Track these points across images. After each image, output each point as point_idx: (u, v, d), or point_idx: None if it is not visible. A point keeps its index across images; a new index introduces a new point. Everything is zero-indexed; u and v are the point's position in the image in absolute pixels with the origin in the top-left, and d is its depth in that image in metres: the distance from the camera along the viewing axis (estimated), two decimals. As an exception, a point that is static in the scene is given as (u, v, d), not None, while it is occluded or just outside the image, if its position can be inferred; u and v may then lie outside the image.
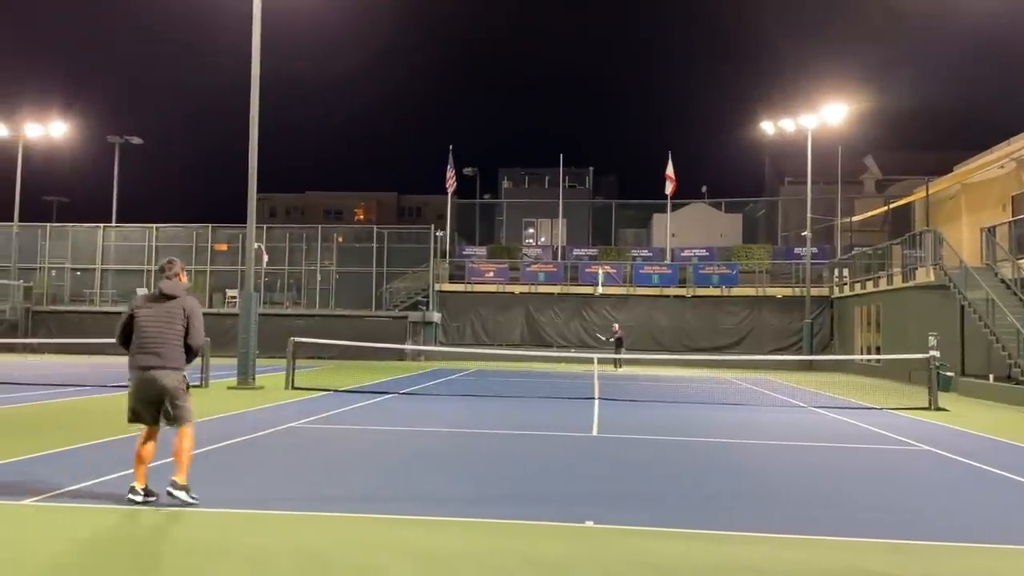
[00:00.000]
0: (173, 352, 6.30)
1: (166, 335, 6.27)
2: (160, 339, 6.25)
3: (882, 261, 27.87)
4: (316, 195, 72.17)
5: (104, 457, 8.40)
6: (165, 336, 6.27)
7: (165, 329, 6.27)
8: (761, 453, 9.94)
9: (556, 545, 5.49)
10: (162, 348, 6.25)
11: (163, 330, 6.27)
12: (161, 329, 6.26)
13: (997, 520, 6.58)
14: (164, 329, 6.27)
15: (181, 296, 6.37)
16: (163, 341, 6.26)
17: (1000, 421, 13.94)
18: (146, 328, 6.27)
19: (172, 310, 6.32)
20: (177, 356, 6.32)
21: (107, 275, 35.79)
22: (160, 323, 6.27)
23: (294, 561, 5.02)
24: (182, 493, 6.15)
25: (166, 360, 6.25)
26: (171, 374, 6.26)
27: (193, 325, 6.34)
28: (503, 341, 33.20)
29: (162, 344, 6.25)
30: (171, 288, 6.36)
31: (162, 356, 6.24)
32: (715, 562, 5.17)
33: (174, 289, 6.37)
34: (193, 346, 6.42)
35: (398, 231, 37.65)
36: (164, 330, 6.27)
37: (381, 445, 9.96)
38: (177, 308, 6.32)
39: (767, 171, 50.61)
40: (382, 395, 16.45)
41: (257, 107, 18.37)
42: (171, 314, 6.31)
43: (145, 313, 6.32)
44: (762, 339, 32.55)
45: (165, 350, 6.25)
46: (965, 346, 21.41)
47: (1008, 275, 20.96)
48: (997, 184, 26.67)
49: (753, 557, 5.30)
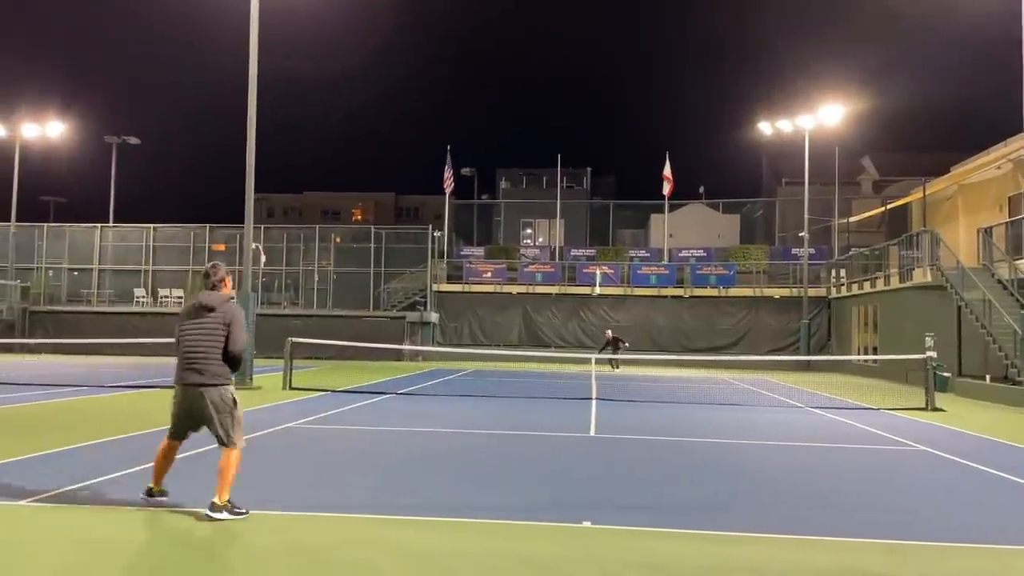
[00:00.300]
0: (214, 367, 6.02)
1: (206, 349, 6.00)
2: (201, 354, 6.00)
3: (879, 262, 27.92)
4: (314, 195, 72.17)
5: (102, 457, 8.41)
6: (206, 351, 6.00)
7: (205, 343, 6.01)
8: (758, 453, 9.96)
9: (553, 545, 5.50)
10: (203, 363, 5.99)
11: (203, 344, 6.01)
12: (200, 342, 6.01)
13: (993, 520, 6.60)
14: (204, 343, 6.01)
15: (219, 306, 6.08)
16: (204, 356, 6.00)
17: (997, 421, 13.97)
18: (187, 342, 6.04)
19: (212, 322, 6.03)
20: (219, 371, 6.04)
21: (104, 275, 35.75)
22: (200, 336, 6.01)
23: (291, 561, 5.03)
24: (221, 514, 5.83)
25: (207, 376, 5.99)
26: (212, 391, 6.01)
27: (233, 331, 6.04)
28: (501, 341, 33.21)
29: (203, 359, 5.99)
30: (208, 299, 6.10)
31: (203, 373, 5.98)
32: (712, 562, 5.18)
33: (211, 300, 6.09)
34: (233, 352, 6.08)
35: (396, 231, 37.61)
36: (204, 344, 6.01)
37: (378, 445, 9.96)
38: (217, 320, 6.03)
39: (764, 172, 50.62)
40: (380, 395, 16.45)
41: (255, 107, 18.37)
42: (211, 327, 6.03)
43: (187, 326, 6.09)
44: (759, 339, 32.59)
45: (205, 366, 5.99)
46: (962, 347, 21.45)
47: (1005, 276, 21.00)
48: (994, 185, 26.72)
49: (750, 557, 5.31)
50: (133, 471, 7.67)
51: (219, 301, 6.10)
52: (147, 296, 35.00)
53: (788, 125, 33.77)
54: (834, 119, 32.26)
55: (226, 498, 5.88)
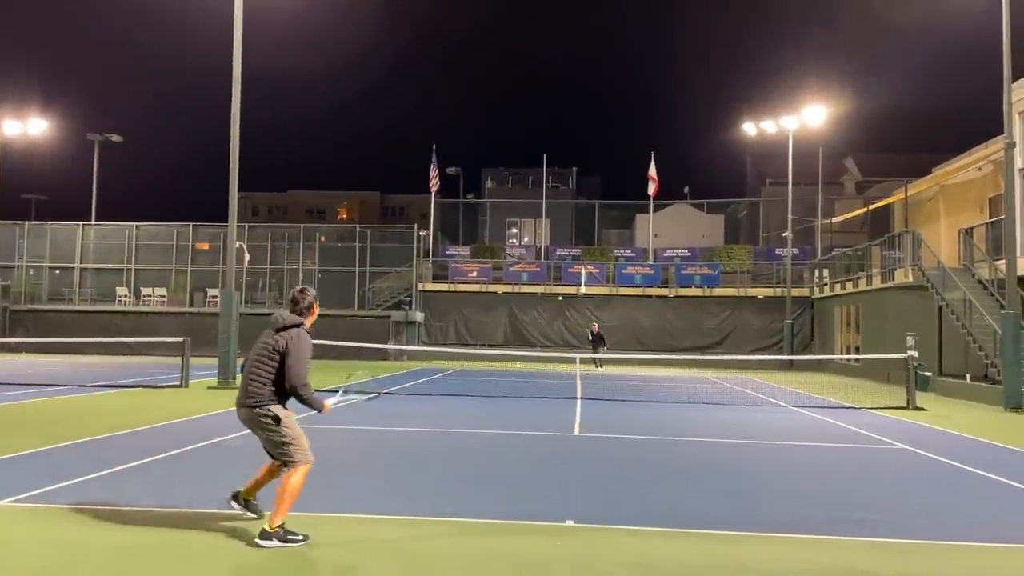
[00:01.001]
0: (253, 388, 5.73)
1: (254, 368, 5.76)
2: (251, 373, 5.78)
3: (862, 262, 28.11)
4: (299, 194, 71.78)
5: (83, 458, 8.33)
6: (253, 369, 5.77)
7: (255, 361, 5.77)
8: (742, 452, 10.01)
9: (537, 544, 5.51)
10: (246, 381, 5.79)
11: (252, 362, 5.79)
12: (252, 359, 5.80)
13: (974, 518, 6.66)
14: (253, 361, 5.78)
15: (284, 332, 5.74)
16: (250, 373, 5.78)
17: (977, 420, 14.11)
18: (249, 363, 5.83)
19: (272, 343, 5.74)
20: (257, 392, 5.70)
21: (86, 274, 35.43)
22: (257, 353, 5.78)
23: (275, 561, 5.00)
24: (270, 542, 5.35)
25: (244, 395, 5.77)
26: (245, 411, 5.76)
27: (288, 364, 5.65)
28: (486, 341, 33.19)
29: (248, 376, 5.79)
30: (278, 320, 5.83)
31: (245, 391, 5.77)
32: (696, 561, 5.20)
33: (280, 321, 5.81)
34: (287, 386, 5.73)
35: (381, 230, 37.51)
36: (253, 362, 5.78)
37: (362, 445, 9.93)
38: (280, 342, 5.71)
39: (749, 172, 50.91)
40: (364, 395, 16.37)
41: (239, 105, 18.27)
42: (270, 347, 5.74)
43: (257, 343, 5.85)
44: (743, 339, 32.75)
45: (247, 384, 5.78)
46: (943, 346, 21.66)
47: (985, 276, 21.21)
48: (975, 186, 26.97)
49: (733, 555, 5.34)
50: (113, 472, 7.62)
51: (288, 322, 5.79)
52: (129, 295, 34.72)
53: (772, 126, 33.95)
54: (818, 120, 32.46)
55: (277, 524, 5.43)
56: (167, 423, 11.27)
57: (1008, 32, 16.40)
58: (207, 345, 26.63)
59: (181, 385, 17.05)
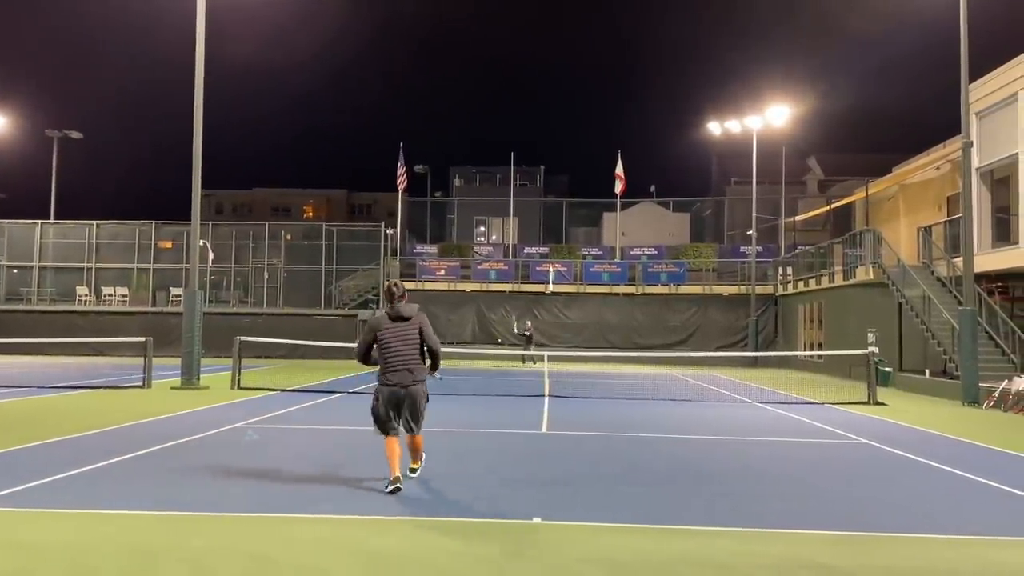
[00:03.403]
0: (420, 368, 7.16)
1: (413, 353, 7.08)
2: (409, 357, 7.06)
3: (824, 260, 28.52)
4: (264, 192, 70.90)
5: (42, 460, 8.17)
6: (412, 354, 7.08)
7: (411, 348, 7.07)
8: (706, 448, 10.11)
9: (504, 543, 5.51)
10: (412, 365, 7.07)
11: (410, 349, 7.07)
12: (408, 348, 7.06)
13: (931, 510, 6.80)
14: (410, 348, 7.07)
15: (414, 316, 7.13)
16: (412, 359, 7.08)
17: (935, 415, 14.40)
18: (394, 348, 7.04)
19: (410, 329, 7.09)
20: (423, 370, 7.19)
21: (45, 273, 34.72)
22: (406, 343, 7.06)
23: (238, 563, 4.95)
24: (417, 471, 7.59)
25: (416, 375, 7.10)
26: (421, 388, 7.16)
27: (428, 335, 7.13)
28: (454, 339, 33.11)
29: (411, 361, 7.07)
30: (406, 310, 7.10)
31: (413, 372, 7.07)
32: (662, 556, 5.25)
33: (407, 311, 7.11)
34: (434, 351, 7.24)
35: (348, 229, 37.21)
36: (411, 349, 7.07)
37: (328, 445, 9.86)
38: (414, 327, 7.10)
39: (714, 171, 51.37)
40: (330, 394, 16.29)
41: (201, 99, 17.99)
42: (411, 333, 7.08)
43: (390, 335, 7.07)
44: (709, 336, 33.07)
45: (414, 366, 7.08)
46: (903, 342, 22.07)
47: (943, 273, 21.65)
48: (933, 185, 27.52)
49: (698, 550, 5.39)
50: (74, 474, 7.48)
51: (412, 311, 7.15)
52: (90, 294, 34.10)
53: (737, 126, 34.32)
54: (781, 120, 32.86)
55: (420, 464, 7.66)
56: (129, 424, 11.09)
57: (966, 35, 16.75)
58: (170, 345, 26.23)
59: (144, 386, 16.79)
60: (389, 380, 7.04)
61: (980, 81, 20.30)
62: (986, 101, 20.43)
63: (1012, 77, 19.42)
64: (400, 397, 7.05)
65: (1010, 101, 19.57)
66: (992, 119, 20.50)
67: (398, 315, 7.06)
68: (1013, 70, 19.38)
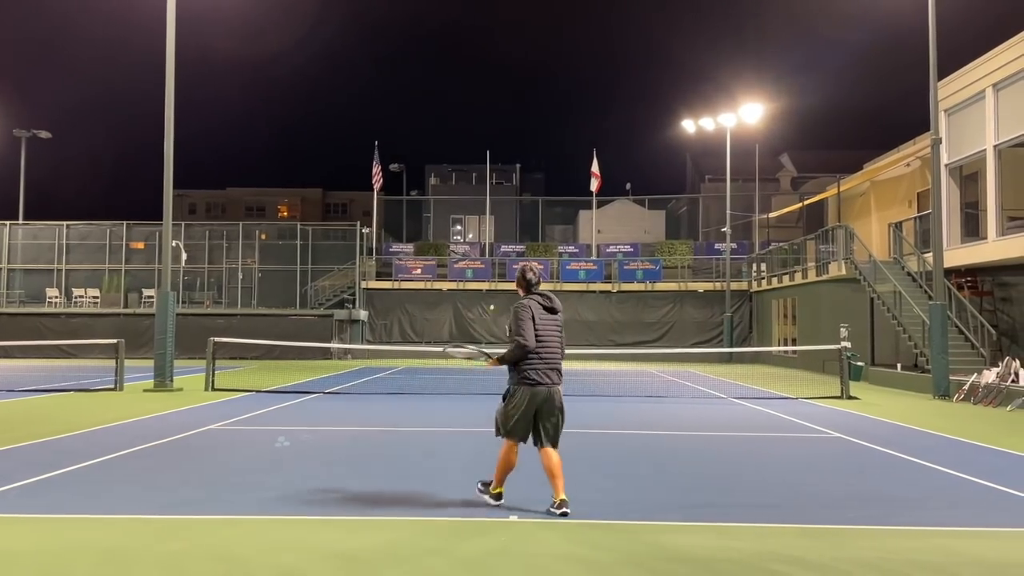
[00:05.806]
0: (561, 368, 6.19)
1: (560, 350, 6.13)
2: (560, 356, 6.12)
3: (797, 256, 28.83)
4: (238, 191, 70.20)
5: (11, 464, 8.04)
6: (560, 353, 6.13)
7: (559, 344, 6.12)
8: (681, 444, 10.18)
9: (481, 541, 5.51)
10: (560, 364, 6.13)
11: (561, 347, 6.14)
12: (560, 345, 6.13)
13: (902, 503, 6.90)
14: (558, 344, 6.12)
15: (560, 309, 6.24)
16: (558, 356, 6.11)
17: (907, 408, 14.60)
18: (549, 341, 6.06)
19: (559, 324, 6.16)
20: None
21: (14, 275, 34.20)
22: (556, 338, 6.10)
23: (211, 567, 4.91)
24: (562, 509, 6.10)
25: (559, 376, 6.14)
26: (557, 390, 6.13)
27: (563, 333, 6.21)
28: (431, 338, 33.06)
29: (559, 360, 6.13)
30: (556, 302, 6.21)
31: (560, 373, 6.14)
32: (635, 552, 5.27)
33: (557, 303, 6.22)
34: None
35: (323, 228, 37.04)
36: (558, 345, 6.12)
37: (303, 446, 9.80)
38: (560, 322, 6.18)
39: (689, 169, 51.74)
40: (306, 395, 16.19)
41: (172, 97, 17.79)
42: (559, 329, 6.14)
43: (544, 324, 6.06)
44: (685, 333, 33.29)
45: (559, 365, 6.13)
46: (875, 337, 22.37)
47: (914, 268, 21.97)
48: (904, 182, 27.90)
49: (671, 545, 5.42)
50: (46, 478, 7.38)
51: (560, 305, 6.23)
52: (60, 296, 33.61)
53: (711, 124, 34.56)
54: (754, 118, 33.14)
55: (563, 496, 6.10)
56: (101, 427, 10.95)
57: (935, 33, 16.99)
58: (143, 347, 25.96)
59: (116, 388, 16.59)
60: (540, 379, 6.01)
61: (949, 79, 20.59)
62: (955, 98, 20.73)
63: (980, 75, 19.73)
64: (547, 399, 6.07)
65: (978, 98, 19.88)
66: (961, 116, 20.82)
67: (551, 307, 6.14)
68: (981, 68, 19.69)
